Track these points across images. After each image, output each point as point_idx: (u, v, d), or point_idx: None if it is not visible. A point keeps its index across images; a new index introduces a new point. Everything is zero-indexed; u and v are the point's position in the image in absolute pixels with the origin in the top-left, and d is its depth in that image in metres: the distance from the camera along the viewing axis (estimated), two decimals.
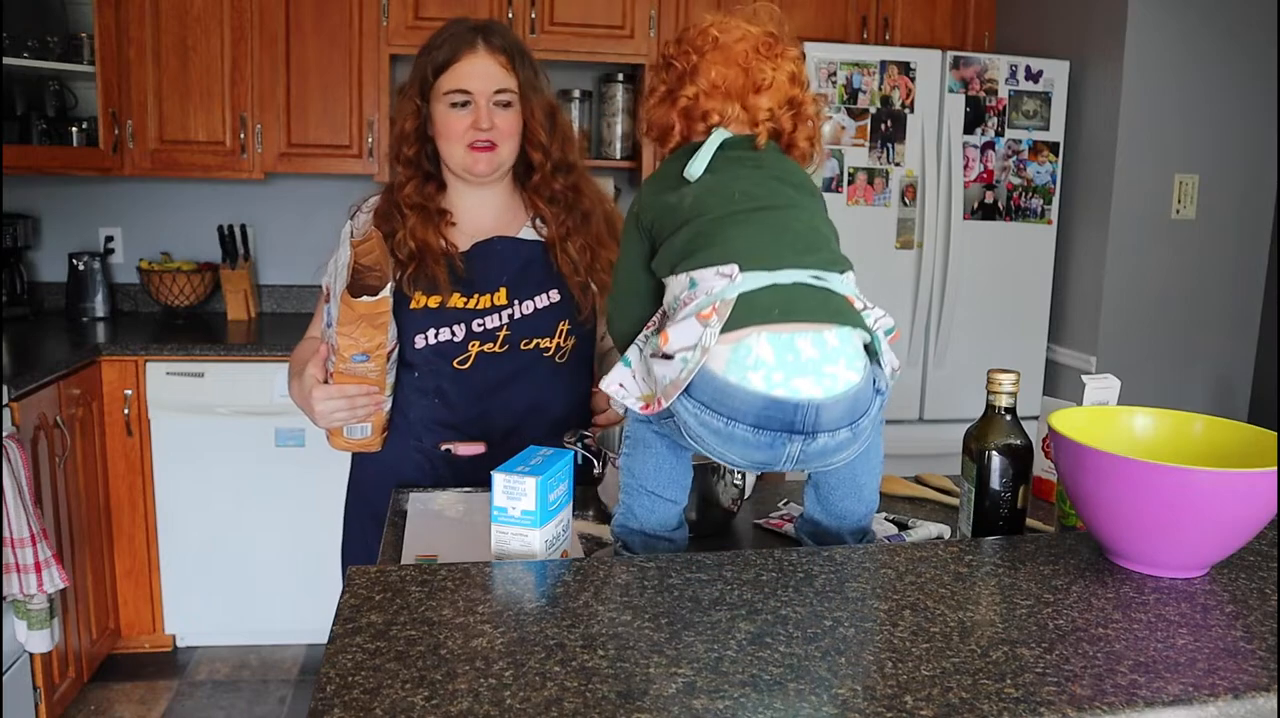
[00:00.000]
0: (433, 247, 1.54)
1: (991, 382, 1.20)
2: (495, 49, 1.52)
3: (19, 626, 2.31)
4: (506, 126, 1.53)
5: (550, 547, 1.12)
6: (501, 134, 1.53)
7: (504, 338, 1.55)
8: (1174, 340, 3.11)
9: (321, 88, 3.15)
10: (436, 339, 1.54)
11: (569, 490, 1.18)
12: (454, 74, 1.51)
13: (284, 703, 2.82)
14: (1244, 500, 0.98)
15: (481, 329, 1.54)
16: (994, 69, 3.06)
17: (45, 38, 2.93)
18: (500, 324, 1.55)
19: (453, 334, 1.54)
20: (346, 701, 0.74)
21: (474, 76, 1.51)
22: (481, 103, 1.51)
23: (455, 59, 1.51)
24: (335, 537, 1.74)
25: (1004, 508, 1.19)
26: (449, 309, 1.54)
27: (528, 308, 1.56)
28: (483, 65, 1.51)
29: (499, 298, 1.55)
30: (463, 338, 1.54)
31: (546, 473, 1.10)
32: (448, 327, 1.54)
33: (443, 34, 1.55)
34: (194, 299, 3.32)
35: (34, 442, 2.42)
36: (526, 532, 1.09)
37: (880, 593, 0.97)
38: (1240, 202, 3.08)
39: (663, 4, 3.22)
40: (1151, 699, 0.78)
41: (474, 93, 1.51)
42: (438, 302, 1.53)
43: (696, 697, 0.76)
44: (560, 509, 1.15)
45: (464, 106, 1.51)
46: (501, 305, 1.55)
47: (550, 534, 1.12)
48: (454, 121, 1.52)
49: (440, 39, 1.54)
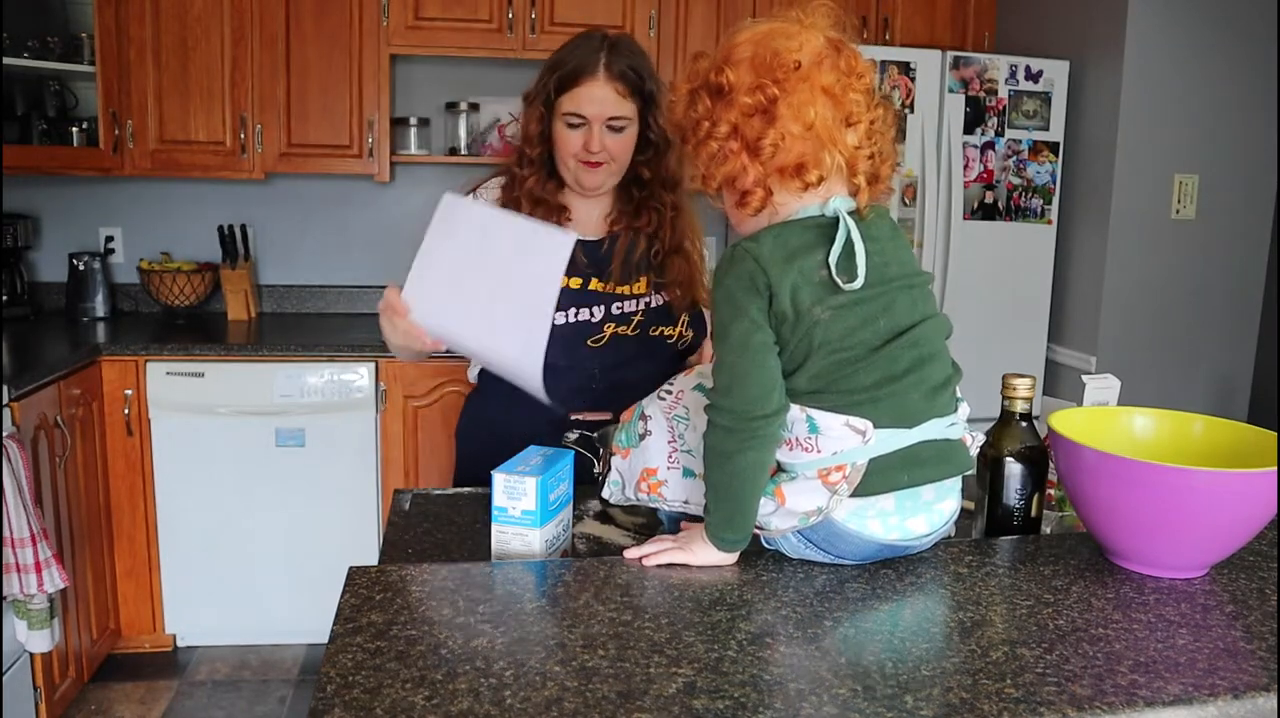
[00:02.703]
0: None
1: (1007, 386, 1.19)
2: (614, 76, 1.56)
3: (19, 626, 2.31)
4: (617, 149, 1.59)
5: (550, 546, 1.12)
6: (612, 155, 1.59)
7: (637, 323, 1.62)
8: (1174, 340, 3.10)
9: (321, 88, 3.15)
10: (576, 319, 1.60)
11: (569, 491, 1.18)
12: (573, 97, 1.56)
13: (284, 703, 2.81)
14: (1244, 500, 0.98)
15: (620, 313, 1.61)
16: (994, 69, 3.06)
17: (45, 38, 2.93)
18: (637, 309, 1.63)
19: (591, 315, 1.60)
20: (347, 700, 0.74)
21: (591, 102, 1.56)
22: (595, 127, 1.57)
23: (577, 82, 1.56)
24: (335, 537, 1.74)
25: (1018, 517, 1.18)
26: (589, 291, 1.61)
27: (659, 300, 1.64)
28: (600, 92, 1.56)
29: (638, 287, 1.63)
30: (600, 319, 1.61)
31: (547, 473, 1.10)
32: (588, 308, 1.60)
33: (572, 48, 1.61)
34: (194, 299, 3.32)
35: (34, 442, 2.42)
36: (527, 532, 1.09)
37: (880, 593, 0.97)
38: (1240, 202, 3.08)
39: (663, 4, 3.22)
40: (1151, 699, 0.78)
41: (589, 117, 1.56)
42: (579, 283, 1.60)
43: (696, 697, 0.76)
44: (560, 509, 1.15)
45: (579, 128, 1.57)
46: (641, 294, 1.63)
47: (550, 534, 1.12)
48: (569, 139, 1.58)
49: (569, 54, 1.60)
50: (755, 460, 0.97)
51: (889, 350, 0.97)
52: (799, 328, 0.95)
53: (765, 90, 0.94)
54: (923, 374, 0.99)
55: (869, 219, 1.01)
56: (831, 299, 0.96)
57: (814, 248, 0.97)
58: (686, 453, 1.10)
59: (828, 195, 0.99)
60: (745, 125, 0.96)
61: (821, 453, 0.96)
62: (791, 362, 0.97)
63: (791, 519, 0.98)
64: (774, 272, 0.95)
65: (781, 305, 0.95)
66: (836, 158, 0.97)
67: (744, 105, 0.96)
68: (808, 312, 0.95)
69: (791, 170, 0.96)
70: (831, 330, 0.96)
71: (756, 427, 0.95)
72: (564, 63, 1.60)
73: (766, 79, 0.95)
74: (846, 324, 0.96)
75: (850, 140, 0.97)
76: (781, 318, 0.95)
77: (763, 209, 1.00)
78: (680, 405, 1.11)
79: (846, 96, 0.96)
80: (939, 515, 1.02)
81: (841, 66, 0.96)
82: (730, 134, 0.97)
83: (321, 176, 3.36)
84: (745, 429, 0.95)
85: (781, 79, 0.94)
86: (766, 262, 0.96)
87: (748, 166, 0.98)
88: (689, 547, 1.01)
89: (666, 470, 1.11)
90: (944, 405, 1.00)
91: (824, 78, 0.95)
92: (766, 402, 0.95)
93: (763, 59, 0.95)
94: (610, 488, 1.18)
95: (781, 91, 0.94)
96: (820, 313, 0.95)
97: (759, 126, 0.96)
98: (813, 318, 0.95)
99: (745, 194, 0.99)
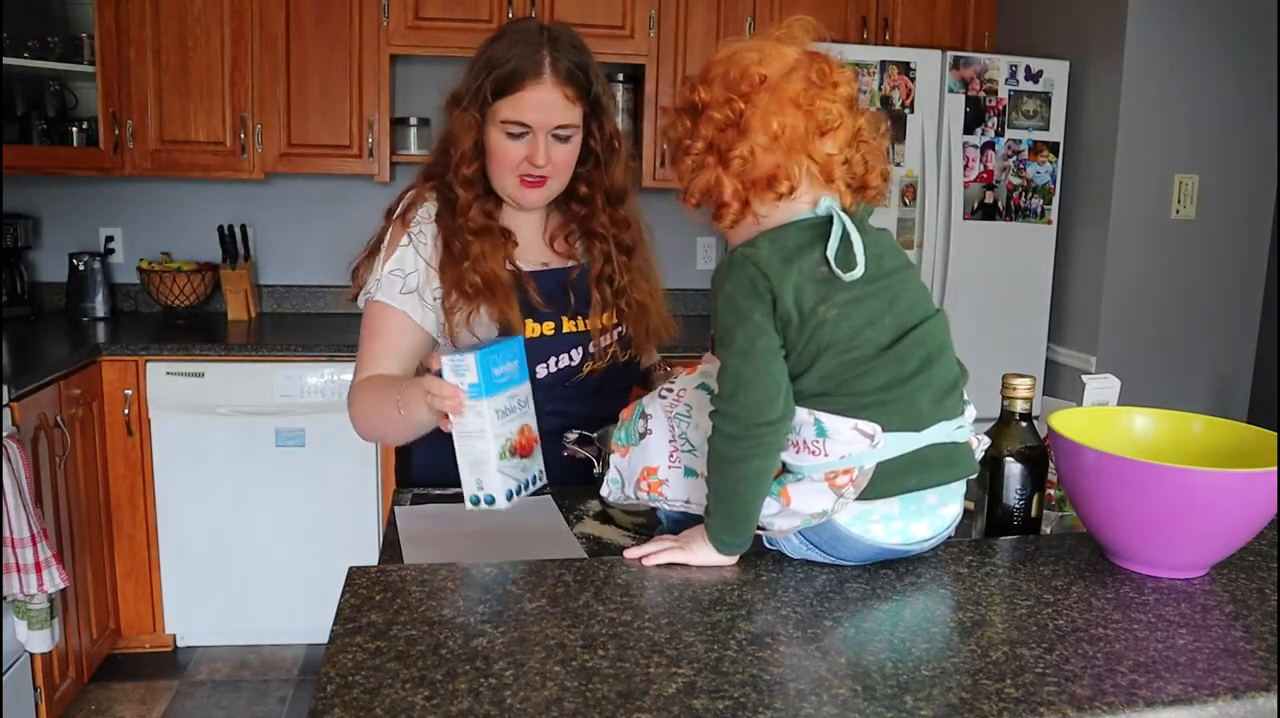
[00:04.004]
0: (502, 278, 1.45)
1: (1007, 386, 1.19)
2: (562, 78, 1.40)
3: (19, 626, 2.31)
4: (562, 160, 1.45)
5: (504, 417, 1.21)
6: (556, 168, 1.45)
7: (611, 354, 1.54)
8: (1174, 340, 3.10)
9: (321, 88, 3.15)
10: (558, 367, 1.50)
11: (522, 371, 1.25)
12: (514, 103, 1.40)
13: (284, 703, 2.81)
14: (1244, 500, 0.98)
15: (596, 349, 1.52)
16: (994, 69, 3.06)
17: (45, 38, 2.93)
18: (611, 343, 1.54)
19: (571, 359, 1.51)
20: (347, 700, 0.74)
21: (538, 109, 1.40)
22: (540, 137, 1.41)
23: (519, 85, 1.39)
24: (335, 537, 1.74)
25: (1018, 517, 1.18)
26: (565, 335, 1.50)
27: (630, 328, 1.56)
28: (547, 97, 1.40)
29: (607, 318, 1.53)
30: (579, 360, 1.51)
31: (487, 350, 1.18)
32: (567, 352, 1.50)
33: (509, 44, 1.42)
34: (194, 299, 3.32)
35: (34, 442, 2.42)
36: (476, 402, 1.17)
37: (880, 593, 0.97)
38: (1240, 202, 3.08)
39: (663, 4, 3.22)
40: (1151, 699, 0.78)
41: (533, 125, 1.41)
42: (551, 328, 1.49)
43: (696, 697, 0.76)
44: (511, 385, 1.23)
45: (520, 137, 1.42)
46: (615, 325, 1.54)
47: (502, 405, 1.20)
48: (508, 151, 1.42)
49: (506, 49, 1.41)
50: (759, 468, 0.97)
51: (898, 350, 0.97)
52: (805, 329, 0.96)
53: (733, 105, 0.97)
54: (931, 375, 0.98)
55: (858, 214, 1.02)
56: (836, 297, 0.96)
57: (811, 246, 0.98)
58: (688, 452, 1.09)
59: (815, 199, 1.00)
60: (719, 139, 0.98)
61: (829, 456, 0.95)
62: (799, 364, 0.97)
63: (795, 520, 0.98)
64: (774, 274, 0.96)
65: (785, 308, 0.95)
66: (809, 166, 0.98)
67: (715, 120, 0.98)
68: (812, 312, 0.96)
69: (764, 182, 0.98)
70: (840, 330, 0.96)
71: (761, 433, 0.95)
72: (501, 61, 1.40)
73: (734, 94, 0.97)
74: (854, 323, 0.96)
75: (826, 149, 0.98)
76: (786, 320, 0.96)
77: (739, 222, 1.01)
78: (682, 404, 1.11)
79: (815, 105, 0.97)
80: (942, 520, 1.02)
81: (813, 78, 0.98)
82: (706, 149, 1.00)
83: (321, 177, 3.36)
84: (750, 436, 0.95)
85: (748, 92, 0.97)
86: (766, 265, 0.96)
87: (723, 179, 0.99)
88: (689, 547, 1.01)
89: (667, 469, 1.11)
90: (951, 408, 1.00)
91: (791, 88, 0.97)
92: (771, 408, 0.95)
93: (731, 75, 0.98)
94: (609, 486, 1.18)
95: (748, 104, 0.97)
96: (826, 312, 0.95)
97: (731, 139, 0.98)
98: (819, 318, 0.95)
99: (722, 207, 1.01)
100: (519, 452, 1.26)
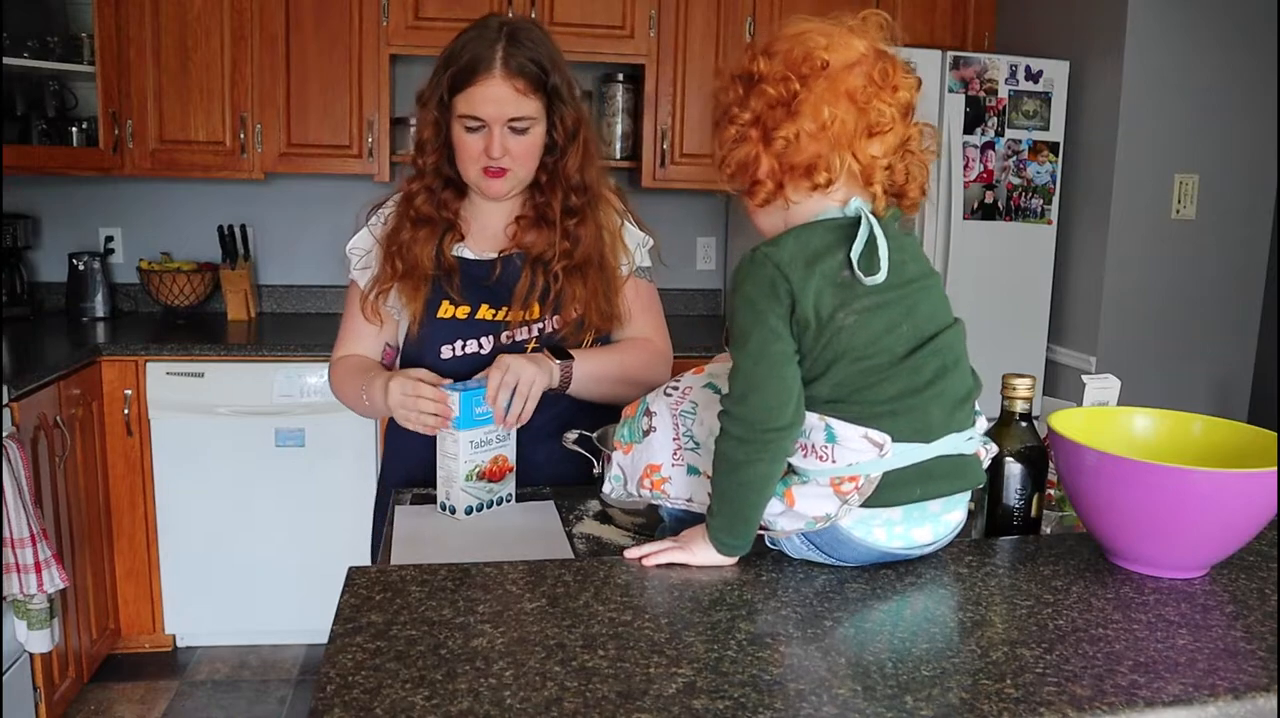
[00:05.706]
0: (423, 265, 1.50)
1: (1007, 386, 1.19)
2: (513, 73, 1.43)
3: (19, 626, 2.31)
4: (521, 152, 1.48)
5: (479, 448, 1.37)
6: (515, 159, 1.48)
7: (530, 350, 1.50)
8: (1174, 340, 3.10)
9: (321, 88, 3.15)
10: (464, 351, 1.51)
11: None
12: (468, 97, 1.44)
13: (284, 703, 2.81)
14: (1244, 500, 0.98)
15: (511, 343, 1.51)
16: (994, 69, 3.05)
17: (45, 38, 2.93)
18: (529, 338, 1.52)
19: (480, 347, 1.51)
20: (346, 700, 0.74)
21: (488, 102, 1.43)
22: (495, 130, 1.45)
23: (471, 81, 1.43)
24: (335, 537, 1.74)
25: (1018, 517, 1.18)
26: (477, 321, 1.51)
27: (558, 322, 1.52)
28: (497, 91, 1.43)
29: (531, 313, 1.51)
30: (490, 350, 1.51)
31: (472, 391, 1.36)
32: (475, 339, 1.51)
33: (465, 42, 1.47)
34: (194, 299, 3.32)
35: (34, 442, 2.42)
36: (454, 433, 1.35)
37: (881, 593, 0.97)
38: (1240, 201, 3.08)
39: (663, 4, 3.22)
40: (1151, 699, 0.78)
41: (487, 119, 1.44)
42: (465, 312, 1.51)
43: (696, 697, 0.76)
44: (489, 422, 1.38)
45: (477, 131, 1.46)
46: (534, 320, 1.52)
47: (478, 438, 1.37)
48: (468, 144, 1.47)
49: (462, 48, 1.46)
50: (765, 472, 0.96)
51: (914, 360, 0.96)
52: (823, 335, 0.95)
53: (789, 84, 0.94)
54: (944, 386, 0.98)
55: (885, 218, 1.01)
56: (855, 303, 0.95)
57: (835, 249, 0.96)
58: (692, 450, 1.09)
59: (846, 198, 0.99)
60: (767, 115, 0.96)
61: (836, 463, 0.95)
62: (814, 370, 0.96)
63: (799, 522, 0.98)
64: (796, 277, 0.94)
65: (804, 312, 0.94)
66: (850, 163, 0.96)
67: (768, 96, 0.96)
68: (831, 318, 0.94)
69: (803, 169, 0.96)
70: (857, 337, 0.95)
71: (769, 439, 0.94)
72: (457, 57, 1.45)
73: (793, 73, 0.95)
74: (871, 331, 0.95)
75: (872, 150, 0.96)
76: (804, 325, 0.95)
77: (770, 203, 1.00)
78: (687, 401, 1.10)
79: (870, 104, 0.95)
80: (945, 526, 1.02)
81: (874, 76, 0.95)
82: (752, 122, 0.97)
83: (321, 177, 3.36)
84: (758, 440, 0.94)
85: (807, 75, 0.94)
86: (788, 267, 0.95)
87: (761, 156, 0.97)
88: (689, 547, 1.01)
89: (671, 467, 1.11)
90: (963, 420, 1.00)
91: (851, 82, 0.95)
92: (781, 413, 0.94)
93: (795, 54, 0.95)
94: (611, 483, 1.18)
95: (804, 87, 0.94)
96: (844, 318, 0.94)
97: (779, 118, 0.95)
98: (836, 324, 0.94)
99: (755, 184, 0.99)
100: (488, 477, 1.40)
